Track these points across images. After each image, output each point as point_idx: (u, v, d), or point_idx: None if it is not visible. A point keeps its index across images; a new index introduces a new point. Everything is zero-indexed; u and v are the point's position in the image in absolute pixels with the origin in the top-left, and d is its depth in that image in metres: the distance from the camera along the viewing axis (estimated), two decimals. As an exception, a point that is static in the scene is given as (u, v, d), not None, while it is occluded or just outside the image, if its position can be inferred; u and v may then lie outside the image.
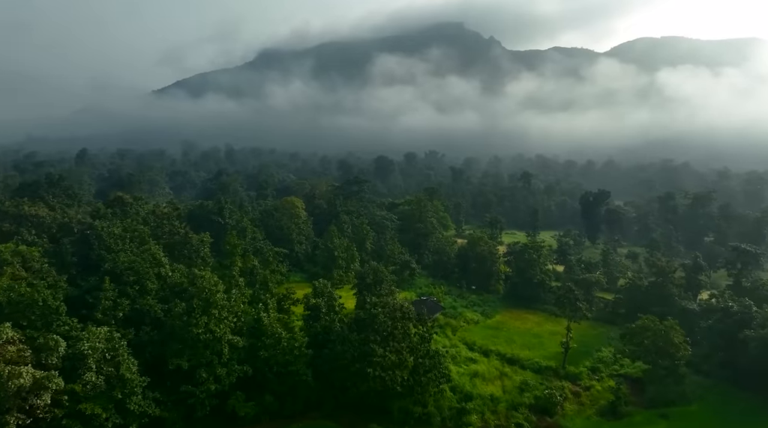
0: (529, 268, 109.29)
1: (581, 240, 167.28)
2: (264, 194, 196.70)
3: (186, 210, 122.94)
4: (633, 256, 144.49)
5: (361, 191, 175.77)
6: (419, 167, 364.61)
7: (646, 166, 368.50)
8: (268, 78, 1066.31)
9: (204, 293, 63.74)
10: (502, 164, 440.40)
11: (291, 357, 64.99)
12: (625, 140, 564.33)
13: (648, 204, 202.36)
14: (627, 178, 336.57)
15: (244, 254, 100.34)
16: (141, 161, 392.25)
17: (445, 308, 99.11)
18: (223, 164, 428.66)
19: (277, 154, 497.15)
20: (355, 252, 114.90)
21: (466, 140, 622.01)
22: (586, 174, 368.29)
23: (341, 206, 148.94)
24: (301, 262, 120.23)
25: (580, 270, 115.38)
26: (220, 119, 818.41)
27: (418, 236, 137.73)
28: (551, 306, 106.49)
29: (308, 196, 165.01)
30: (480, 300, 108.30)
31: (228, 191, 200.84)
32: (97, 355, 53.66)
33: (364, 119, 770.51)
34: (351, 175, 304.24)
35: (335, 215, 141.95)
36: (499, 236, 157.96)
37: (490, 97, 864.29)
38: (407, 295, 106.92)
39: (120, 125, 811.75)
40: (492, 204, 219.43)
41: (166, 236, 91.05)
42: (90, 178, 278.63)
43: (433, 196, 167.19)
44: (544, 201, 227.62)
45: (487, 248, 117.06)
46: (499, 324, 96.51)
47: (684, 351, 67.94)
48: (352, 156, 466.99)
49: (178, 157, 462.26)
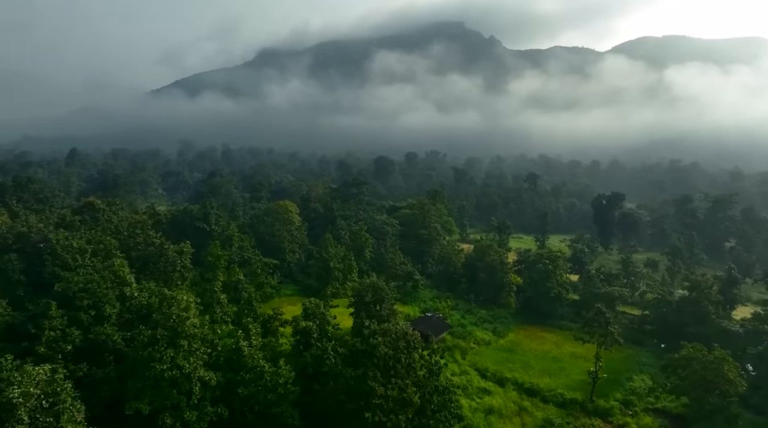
0: (544, 280, 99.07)
1: (594, 246, 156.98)
2: (258, 196, 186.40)
3: (169, 216, 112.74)
4: (652, 264, 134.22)
5: (360, 193, 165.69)
6: (420, 167, 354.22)
7: (653, 166, 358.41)
8: (267, 77, 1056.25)
9: (171, 321, 53.55)
10: (504, 164, 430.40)
11: (275, 395, 54.79)
12: (629, 140, 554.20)
13: (662, 207, 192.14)
14: (633, 179, 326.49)
15: (228, 266, 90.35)
16: (135, 161, 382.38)
17: (453, 327, 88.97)
18: (220, 164, 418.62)
19: (276, 154, 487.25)
20: (353, 262, 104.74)
21: (467, 140, 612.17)
22: (591, 175, 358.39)
23: (339, 210, 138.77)
24: (294, 273, 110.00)
25: (599, 281, 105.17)
26: (218, 118, 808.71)
27: (421, 243, 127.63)
28: (569, 323, 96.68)
29: (304, 199, 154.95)
30: (490, 316, 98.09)
31: (219, 193, 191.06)
32: (32, 403, 43.44)
33: (364, 118, 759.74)
34: (350, 176, 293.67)
35: (332, 221, 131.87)
36: (507, 242, 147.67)
37: (492, 95, 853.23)
38: (410, 310, 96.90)
39: (118, 125, 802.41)
40: (497, 207, 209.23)
41: (140, 247, 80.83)
42: (79, 179, 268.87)
43: (436, 199, 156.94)
44: (552, 204, 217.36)
45: (498, 257, 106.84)
46: (514, 345, 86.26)
47: (739, 387, 57.72)
48: (352, 156, 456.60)
49: (174, 157, 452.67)
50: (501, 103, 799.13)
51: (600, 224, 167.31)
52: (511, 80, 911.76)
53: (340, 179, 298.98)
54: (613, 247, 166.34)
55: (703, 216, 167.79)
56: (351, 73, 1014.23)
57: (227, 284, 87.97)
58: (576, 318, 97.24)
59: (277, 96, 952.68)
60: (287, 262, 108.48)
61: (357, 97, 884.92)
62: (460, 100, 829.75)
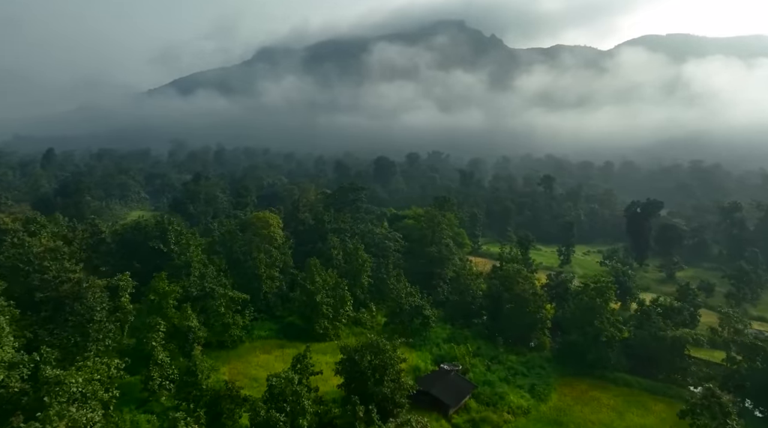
0: (590, 317, 77.13)
1: (628, 261, 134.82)
2: (243, 202, 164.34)
3: (117, 234, 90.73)
4: (706, 288, 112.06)
5: (357, 199, 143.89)
6: (422, 168, 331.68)
7: (671, 168, 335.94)
8: (265, 76, 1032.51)
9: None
10: (511, 165, 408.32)
11: None
12: (639, 140, 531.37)
13: (699, 215, 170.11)
14: (651, 181, 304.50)
15: (180, 305, 68.58)
16: (121, 162, 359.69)
17: (478, 386, 67.07)
18: (212, 165, 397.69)
19: (272, 154, 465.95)
20: (347, 293, 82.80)
21: (470, 139, 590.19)
22: (605, 177, 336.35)
23: (331, 222, 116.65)
24: (273, 306, 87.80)
25: (656, 314, 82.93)
26: (215, 117, 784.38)
27: (430, 263, 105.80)
28: (626, 375, 74.87)
29: (292, 207, 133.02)
30: (523, 365, 76.15)
31: (199, 200, 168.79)
32: None
33: (364, 116, 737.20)
34: (348, 178, 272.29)
35: (323, 236, 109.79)
36: (530, 260, 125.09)
37: (496, 93, 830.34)
38: (419, 359, 75.01)
39: (112, 124, 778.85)
40: (510, 213, 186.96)
41: (52, 285, 58.95)
42: (54, 181, 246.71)
43: (445, 207, 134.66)
44: (571, 210, 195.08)
45: (529, 287, 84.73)
46: (560, 414, 64.20)
47: None
48: (350, 156, 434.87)
49: (164, 157, 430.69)
50: (505, 102, 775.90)
51: (634, 235, 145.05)
52: (516, 77, 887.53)
53: (336, 182, 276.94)
54: (649, 263, 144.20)
55: (756, 227, 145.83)
56: (350, 72, 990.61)
57: (178, 329, 66.37)
58: (636, 369, 75.61)
59: (275, 95, 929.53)
60: (263, 292, 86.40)
61: (356, 94, 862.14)
62: (462, 98, 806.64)
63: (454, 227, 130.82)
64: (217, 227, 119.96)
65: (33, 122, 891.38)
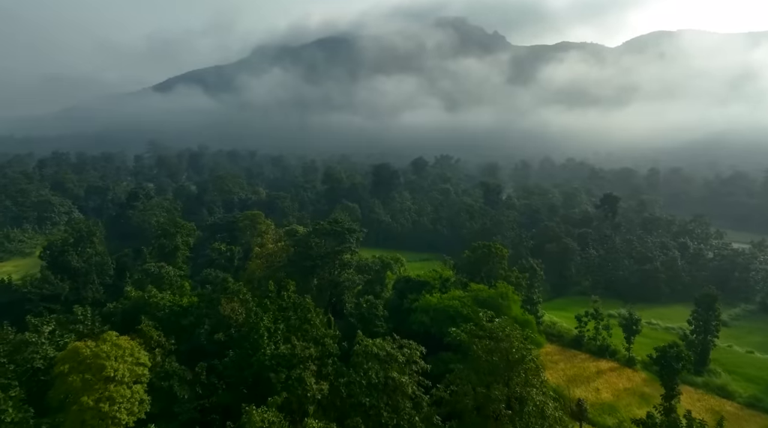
0: None
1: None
2: (164, 250, 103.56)
3: None
4: None
5: (341, 251, 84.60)
6: (431, 177, 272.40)
7: (733, 178, 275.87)
8: (264, 75, 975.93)
9: None
10: (532, 172, 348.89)
11: None
12: (666, 142, 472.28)
13: None
14: (719, 196, 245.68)
15: None
16: (80, 168, 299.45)
17: None
18: (185, 171, 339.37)
19: (259, 157, 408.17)
20: None
21: (476, 140, 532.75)
22: (652, 187, 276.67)
23: (280, 333, 57.60)
24: None
25: None
26: (205, 117, 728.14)
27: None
28: None
29: (213, 299, 73.90)
30: None
31: (93, 245, 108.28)
32: None
33: (362, 116, 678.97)
34: (340, 190, 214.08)
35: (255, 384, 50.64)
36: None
37: (499, 92, 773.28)
38: None
39: (93, 126, 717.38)
40: (572, 255, 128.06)
41: None
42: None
43: (494, 273, 75.57)
44: (654, 248, 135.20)
45: None
46: None
47: None
48: (346, 160, 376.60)
49: (131, 163, 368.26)
50: (515, 100, 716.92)
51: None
52: (519, 75, 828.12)
53: (326, 196, 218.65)
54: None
55: None
56: (350, 70, 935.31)
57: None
58: None
59: (268, 93, 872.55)
60: None
61: (354, 92, 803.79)
62: (469, 96, 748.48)
63: (514, 310, 72.55)
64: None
65: (11, 123, 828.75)
